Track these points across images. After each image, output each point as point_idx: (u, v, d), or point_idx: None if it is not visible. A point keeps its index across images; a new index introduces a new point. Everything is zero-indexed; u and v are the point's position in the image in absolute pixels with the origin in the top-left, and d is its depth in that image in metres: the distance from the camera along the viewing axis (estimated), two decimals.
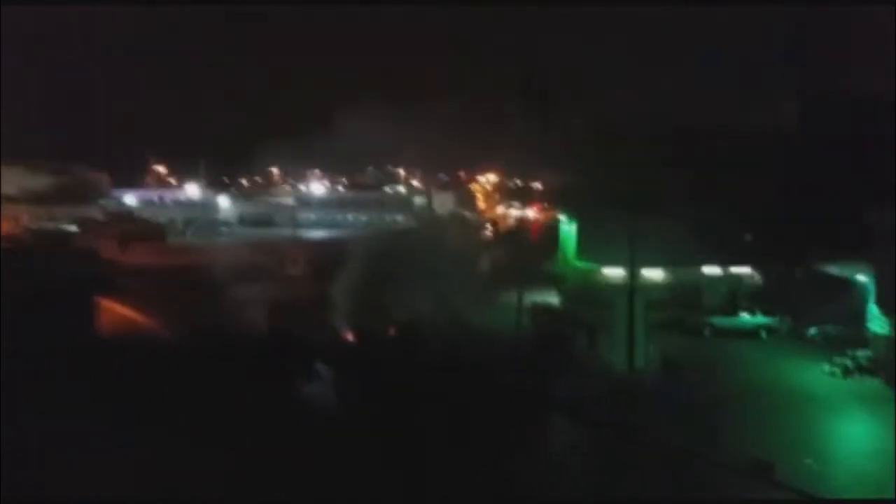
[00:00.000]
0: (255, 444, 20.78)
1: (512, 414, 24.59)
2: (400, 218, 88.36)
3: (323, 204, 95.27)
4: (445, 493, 18.85)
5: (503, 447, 21.67)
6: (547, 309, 36.63)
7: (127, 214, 77.88)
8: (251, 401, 23.60)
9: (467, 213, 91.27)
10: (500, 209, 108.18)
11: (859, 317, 31.91)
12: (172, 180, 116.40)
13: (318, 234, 78.31)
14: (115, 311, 36.00)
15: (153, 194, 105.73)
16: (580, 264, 43.39)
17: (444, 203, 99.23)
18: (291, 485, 18.89)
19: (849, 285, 32.87)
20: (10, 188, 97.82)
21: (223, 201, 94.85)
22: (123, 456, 19.29)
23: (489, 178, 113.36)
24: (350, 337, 32.12)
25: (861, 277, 31.91)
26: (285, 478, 19.17)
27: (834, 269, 33.78)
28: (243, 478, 18.90)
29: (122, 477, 18.23)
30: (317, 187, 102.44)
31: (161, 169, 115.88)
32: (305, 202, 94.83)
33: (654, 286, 38.23)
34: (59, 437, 20.06)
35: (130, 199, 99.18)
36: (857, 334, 31.30)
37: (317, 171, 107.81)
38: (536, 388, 26.88)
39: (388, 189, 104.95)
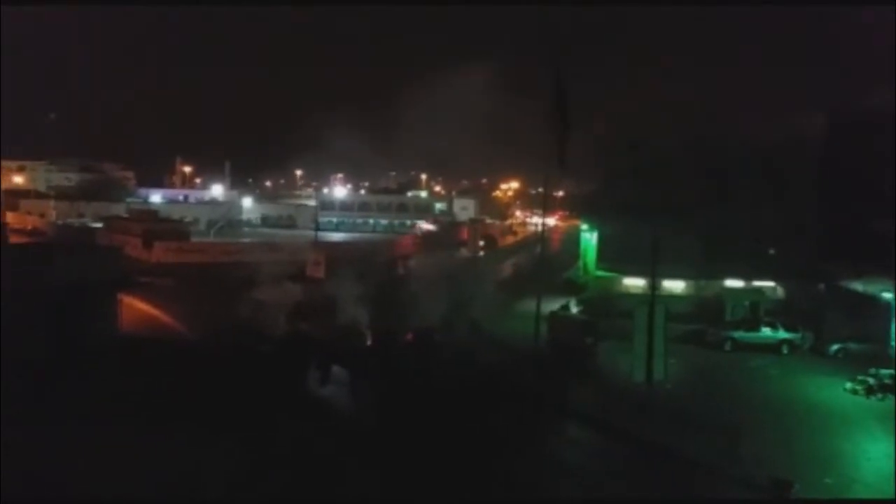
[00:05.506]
0: (272, 443, 20.94)
1: (523, 420, 24.54)
2: (420, 222, 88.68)
3: (345, 207, 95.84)
4: (456, 494, 18.86)
5: (510, 451, 21.65)
6: (565, 317, 36.46)
7: (152, 213, 78.70)
8: (269, 400, 23.75)
9: (488, 219, 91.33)
10: (520, 216, 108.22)
11: (883, 335, 31.52)
12: (198, 180, 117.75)
13: (339, 236, 78.75)
14: (137, 307, 36.36)
15: (178, 194, 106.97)
16: (601, 273, 43.25)
17: (464, 208, 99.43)
18: (305, 484, 19.00)
19: (873, 302, 32.46)
20: (38, 184, 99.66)
21: (247, 202, 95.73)
22: (142, 453, 19.49)
23: (511, 185, 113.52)
24: (369, 341, 32.21)
25: (886, 295, 31.50)
26: (300, 477, 19.28)
27: (858, 286, 33.38)
28: (259, 477, 19.05)
29: (140, 475, 18.41)
30: (339, 190, 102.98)
31: (187, 169, 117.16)
32: (327, 205, 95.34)
33: (675, 298, 38.02)
34: (77, 435, 20.26)
35: (156, 197, 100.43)
36: (880, 352, 30.89)
37: (340, 175, 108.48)
38: (550, 396, 26.80)
39: (409, 194, 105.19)
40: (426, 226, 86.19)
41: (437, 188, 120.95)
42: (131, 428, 20.67)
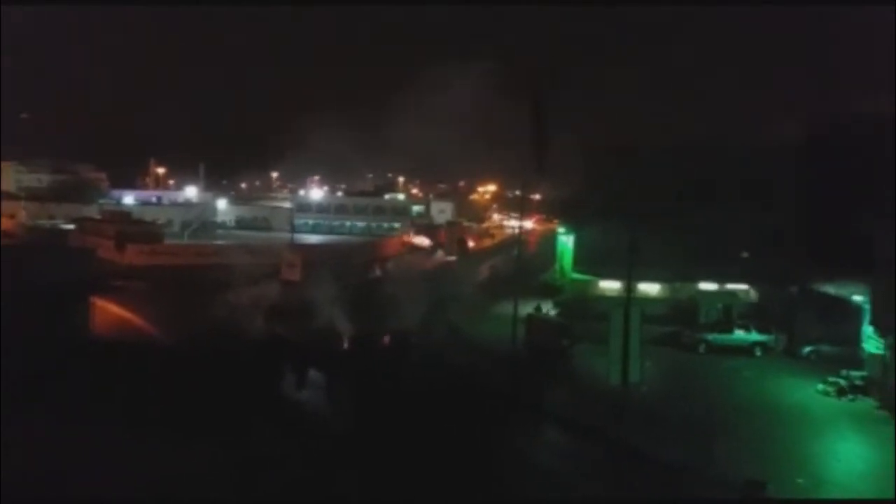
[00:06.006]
0: (249, 446, 20.75)
1: (498, 421, 24.56)
2: (397, 225, 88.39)
3: (321, 209, 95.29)
4: (434, 495, 18.83)
5: (485, 453, 21.65)
6: (541, 320, 36.54)
7: (125, 214, 77.68)
8: (244, 404, 23.54)
9: (465, 222, 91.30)
10: (497, 219, 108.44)
11: (854, 336, 31.94)
12: (171, 182, 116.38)
13: (315, 238, 78.30)
14: (110, 310, 35.89)
15: (152, 195, 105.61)
16: (577, 276, 43.42)
17: (442, 211, 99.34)
18: (282, 486, 18.86)
19: (844, 305, 32.90)
20: (8, 185, 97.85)
21: (221, 204, 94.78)
22: (119, 457, 19.23)
23: (488, 188, 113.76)
24: (345, 343, 32.05)
25: (857, 297, 31.94)
26: (276, 479, 19.13)
27: (830, 289, 33.83)
28: (236, 480, 18.86)
29: (117, 478, 18.16)
30: (315, 192, 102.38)
31: (160, 170, 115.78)
32: (304, 207, 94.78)
33: (650, 300, 38.23)
34: (55, 438, 19.96)
35: (129, 199, 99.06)
36: (851, 354, 31.29)
37: (316, 177, 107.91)
38: (526, 398, 26.87)
39: (386, 196, 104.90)
40: (418, 239, 76.34)
41: (415, 191, 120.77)
42: (103, 430, 20.41)
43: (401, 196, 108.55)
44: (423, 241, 74.61)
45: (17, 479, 17.45)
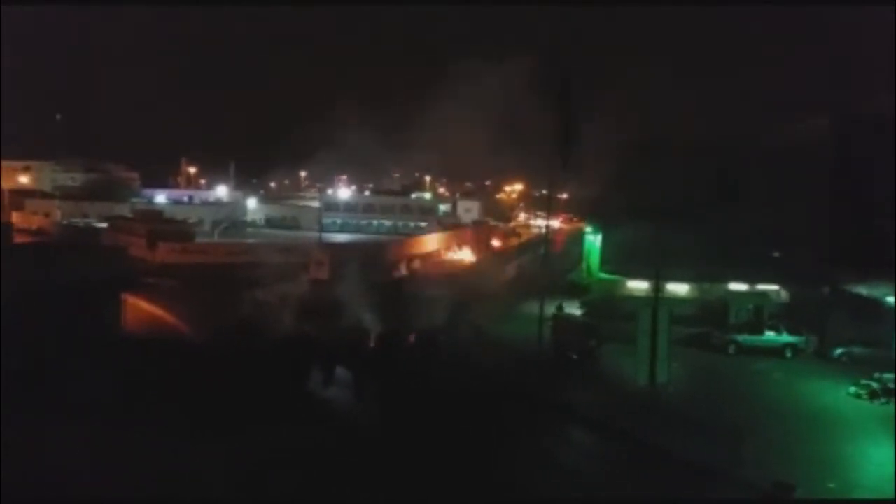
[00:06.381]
0: (274, 443, 20.96)
1: (525, 422, 24.55)
2: (424, 224, 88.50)
3: (349, 208, 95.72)
4: (460, 494, 18.89)
5: (511, 453, 21.65)
6: (567, 320, 36.44)
7: (157, 213, 78.75)
8: (272, 401, 23.78)
9: (491, 221, 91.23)
10: (524, 218, 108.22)
11: (888, 338, 31.41)
12: (202, 181, 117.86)
13: (342, 237, 78.72)
14: (141, 308, 36.43)
15: (183, 194, 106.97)
16: (604, 276, 43.21)
17: (468, 210, 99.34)
18: (308, 484, 19.02)
19: (878, 306, 32.37)
20: (43, 184, 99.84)
21: (251, 203, 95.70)
22: (144, 454, 19.51)
23: (515, 187, 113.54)
24: (371, 342, 32.23)
25: (890, 299, 31.41)
26: (302, 477, 19.30)
27: (863, 290, 33.30)
28: (261, 477, 19.08)
29: (143, 475, 18.44)
30: (343, 192, 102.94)
31: (191, 170, 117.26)
32: (331, 206, 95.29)
33: (679, 301, 37.90)
34: (82, 437, 20.27)
35: (161, 198, 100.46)
36: (885, 356, 30.77)
37: (343, 176, 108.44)
38: (553, 398, 26.83)
39: (413, 195, 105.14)
40: (456, 254, 68.29)
41: (442, 190, 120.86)
42: (134, 428, 20.70)
43: (427, 195, 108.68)
44: (458, 252, 68.52)
45: (34, 475, 17.77)
